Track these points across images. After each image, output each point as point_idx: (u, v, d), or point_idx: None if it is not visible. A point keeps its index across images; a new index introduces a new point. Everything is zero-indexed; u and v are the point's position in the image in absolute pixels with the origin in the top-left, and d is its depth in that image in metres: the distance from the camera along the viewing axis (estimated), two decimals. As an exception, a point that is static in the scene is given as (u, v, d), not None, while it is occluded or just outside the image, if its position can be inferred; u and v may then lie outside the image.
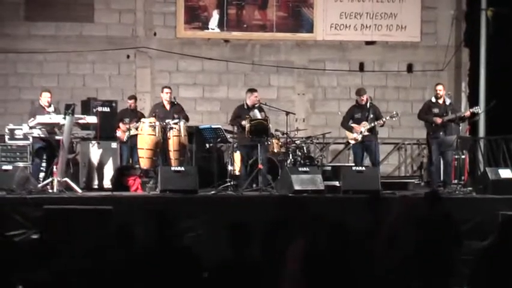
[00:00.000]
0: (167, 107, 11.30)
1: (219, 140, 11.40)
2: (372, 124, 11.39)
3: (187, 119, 11.25)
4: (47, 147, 10.81)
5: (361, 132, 11.39)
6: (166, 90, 11.44)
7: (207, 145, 11.60)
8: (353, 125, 11.50)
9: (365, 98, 11.56)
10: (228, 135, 11.52)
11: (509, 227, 5.60)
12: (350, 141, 11.68)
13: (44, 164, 10.98)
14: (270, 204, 9.02)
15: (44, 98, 11.00)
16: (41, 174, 11.02)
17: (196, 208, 9.53)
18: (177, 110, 11.29)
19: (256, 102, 11.34)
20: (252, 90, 11.53)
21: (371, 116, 11.47)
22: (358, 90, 11.90)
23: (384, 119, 11.47)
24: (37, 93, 11.48)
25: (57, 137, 10.53)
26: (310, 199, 9.67)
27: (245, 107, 11.35)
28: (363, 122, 11.41)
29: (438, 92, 11.56)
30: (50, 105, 11.04)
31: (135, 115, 11.98)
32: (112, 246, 5.04)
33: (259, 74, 14.72)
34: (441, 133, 11.30)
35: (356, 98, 11.74)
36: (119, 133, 11.96)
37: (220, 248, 5.14)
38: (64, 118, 10.37)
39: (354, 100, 12.06)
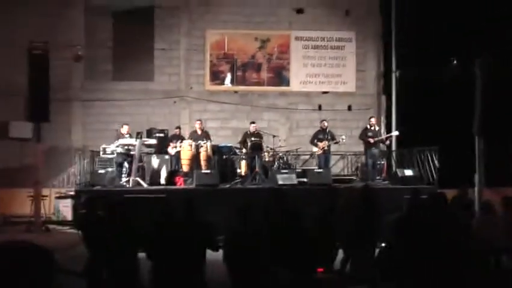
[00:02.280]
0: (199, 132, 11.31)
1: (232, 153, 11.42)
2: (330, 143, 11.38)
3: (210, 140, 11.16)
4: (126, 159, 10.71)
5: (323, 148, 11.28)
6: (197, 122, 11.57)
7: (224, 157, 11.44)
8: (318, 142, 11.41)
9: (325, 124, 11.55)
10: (238, 151, 11.43)
11: (409, 206, 5.63)
12: (316, 152, 11.48)
13: (125, 170, 10.80)
14: (263, 193, 8.78)
15: (124, 129, 10.99)
16: (123, 177, 10.85)
17: (218, 196, 9.50)
18: (205, 135, 11.31)
19: (255, 130, 11.37)
20: (251, 123, 11.63)
21: (329, 137, 11.44)
22: (321, 120, 11.84)
23: (337, 140, 11.35)
24: (119, 125, 11.44)
25: (131, 153, 10.54)
26: (288, 190, 9.46)
27: (249, 133, 11.38)
28: (324, 142, 11.32)
29: (371, 122, 11.36)
30: (128, 134, 11.01)
31: (179, 138, 11.78)
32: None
33: (256, 112, 14.55)
34: (372, 148, 11.10)
35: (320, 125, 11.64)
36: (169, 149, 11.68)
37: (232, 222, 4.95)
38: (136, 140, 10.48)
39: (317, 127, 11.95)
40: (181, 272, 4.42)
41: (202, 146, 10.77)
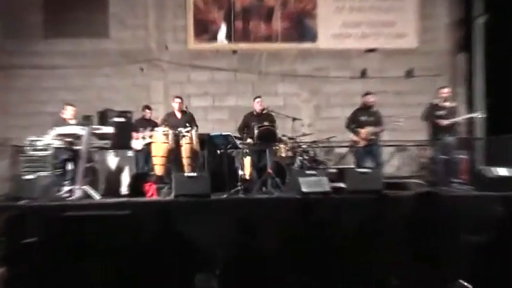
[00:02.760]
0: (178, 115, 11.25)
1: (229, 146, 11.26)
2: (378, 128, 11.30)
3: (196, 126, 11.17)
4: (68, 158, 10.66)
5: (367, 136, 11.27)
6: (176, 100, 11.38)
7: (218, 151, 11.48)
8: (358, 128, 11.38)
9: (371, 99, 11.40)
10: (238, 141, 11.39)
11: (506, 223, 5.52)
12: (358, 143, 11.51)
13: (66, 174, 10.80)
14: (279, 207, 8.95)
15: (69, 112, 10.88)
16: (64, 186, 10.58)
17: (209, 211, 9.37)
18: (188, 119, 11.23)
19: (264, 110, 11.29)
20: (256, 98, 11.51)
21: (377, 119, 11.38)
22: (365, 94, 11.68)
23: (389, 123, 11.30)
24: (58, 107, 11.30)
25: (76, 147, 10.47)
26: (318, 201, 9.40)
27: (254, 114, 11.31)
28: (369, 127, 11.30)
29: (443, 94, 11.23)
30: (72, 119, 10.94)
31: (149, 124, 11.87)
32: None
33: (265, 83, 14.67)
34: (445, 135, 11.04)
35: (362, 100, 11.51)
36: (134, 142, 11.84)
37: (230, 246, 5.21)
38: (82, 129, 10.35)
39: (358, 105, 11.90)
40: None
41: (184, 136, 10.82)
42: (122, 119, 12.44)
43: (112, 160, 11.69)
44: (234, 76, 14.65)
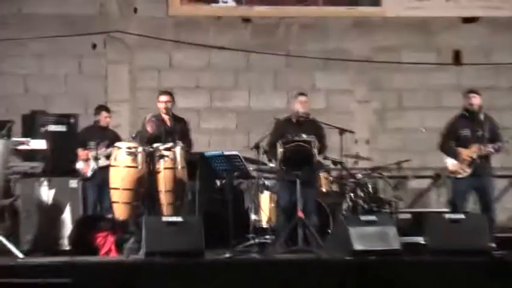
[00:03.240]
0: (168, 122, 11.33)
1: (236, 173, 11.37)
2: (490, 149, 11.22)
3: (189, 144, 11.29)
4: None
5: (472, 161, 11.21)
6: (163, 97, 11.42)
7: (218, 182, 11.84)
8: (459, 148, 11.35)
9: (476, 101, 11.30)
10: (251, 167, 11.53)
11: None
12: (454, 173, 11.44)
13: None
14: (317, 273, 9.08)
15: None
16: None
17: (203, 279, 9.32)
18: (169, 129, 11.31)
19: (307, 114, 11.44)
20: (297, 94, 11.63)
21: (486, 133, 11.28)
22: (468, 92, 11.56)
23: (501, 144, 11.28)
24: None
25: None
26: (380, 264, 9.49)
27: (293, 120, 11.45)
28: (476, 145, 11.23)
29: None
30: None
31: (106, 136, 12.09)
32: None
33: (296, 71, 14.85)
34: None
35: (466, 104, 11.43)
36: (81, 164, 11.99)
37: None
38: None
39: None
40: None
41: (162, 157, 10.81)
42: (62, 128, 12.55)
43: (44, 194, 11.71)
44: (246, 59, 14.87)
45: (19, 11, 14.55)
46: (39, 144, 11.31)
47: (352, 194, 11.95)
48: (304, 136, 11.00)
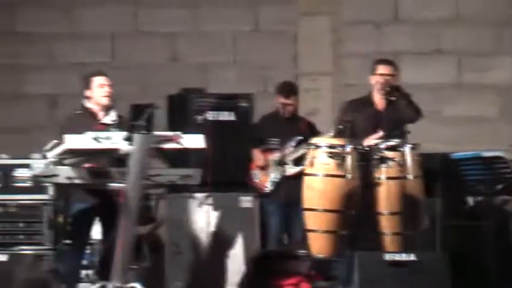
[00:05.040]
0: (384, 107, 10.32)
1: (499, 186, 10.47)
2: None
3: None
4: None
5: None
6: (381, 68, 10.16)
7: (471, 200, 10.74)
8: None
9: None
10: None
11: None
12: None
13: None
14: None
15: None
16: None
17: None
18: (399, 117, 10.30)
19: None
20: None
21: None
22: None
23: None
24: None
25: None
26: None
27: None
28: None
29: None
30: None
31: (296, 129, 10.74)
32: None
33: None
34: None
35: None
36: (257, 173, 10.78)
37: None
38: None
39: None
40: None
41: (385, 161, 9.98)
42: (228, 116, 10.72)
43: (202, 217, 10.32)
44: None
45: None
46: (195, 141, 9.19)
47: None
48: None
